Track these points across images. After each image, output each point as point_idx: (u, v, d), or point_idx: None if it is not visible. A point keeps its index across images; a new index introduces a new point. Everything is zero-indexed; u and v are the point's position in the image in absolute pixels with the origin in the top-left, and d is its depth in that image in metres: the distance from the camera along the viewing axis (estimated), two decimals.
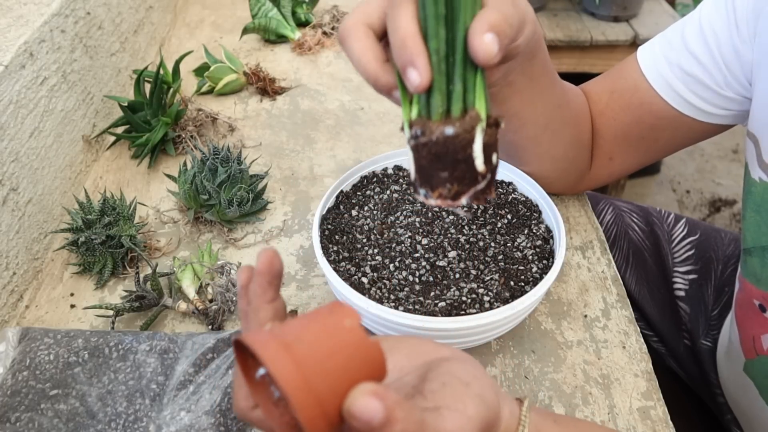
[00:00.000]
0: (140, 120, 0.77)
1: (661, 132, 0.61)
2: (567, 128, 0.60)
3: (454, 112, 0.34)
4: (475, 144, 0.34)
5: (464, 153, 0.34)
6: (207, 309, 0.57)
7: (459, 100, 0.34)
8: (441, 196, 0.36)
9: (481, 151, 0.34)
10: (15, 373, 0.50)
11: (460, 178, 0.35)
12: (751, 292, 0.59)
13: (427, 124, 0.35)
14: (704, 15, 0.56)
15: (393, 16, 0.35)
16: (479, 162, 0.35)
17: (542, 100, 0.55)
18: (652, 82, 0.59)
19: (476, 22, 0.34)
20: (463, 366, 0.34)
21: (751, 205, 0.56)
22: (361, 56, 0.37)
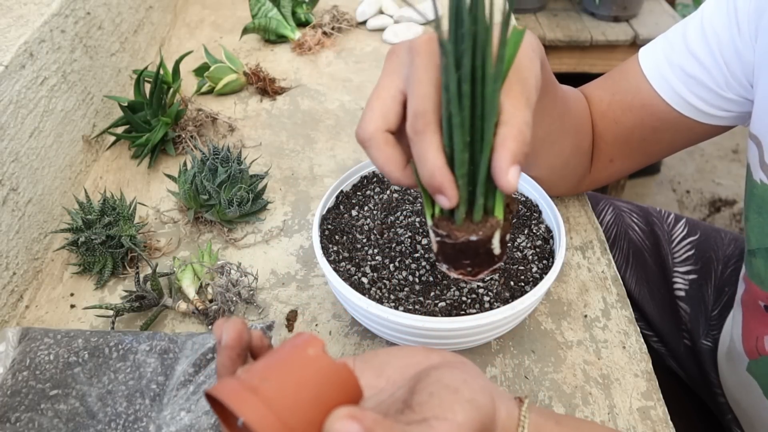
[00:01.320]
0: (140, 120, 0.77)
1: (662, 134, 0.61)
2: (567, 137, 0.60)
3: (475, 217, 0.39)
4: (493, 239, 0.39)
5: (484, 248, 0.39)
6: (207, 309, 0.57)
7: (480, 210, 0.38)
8: (462, 274, 0.41)
9: (498, 243, 0.39)
10: (15, 373, 0.50)
11: (480, 263, 0.40)
12: (757, 293, 0.59)
13: (452, 228, 0.39)
14: (706, 16, 0.56)
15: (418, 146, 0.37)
16: (497, 250, 0.40)
17: (541, 115, 0.55)
18: (653, 84, 0.59)
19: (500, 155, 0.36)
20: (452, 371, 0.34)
21: (754, 207, 0.56)
22: (385, 165, 0.39)
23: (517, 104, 0.37)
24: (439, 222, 0.40)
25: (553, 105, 0.56)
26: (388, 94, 0.39)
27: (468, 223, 0.39)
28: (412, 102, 0.37)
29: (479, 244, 0.39)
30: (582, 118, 0.62)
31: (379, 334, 0.53)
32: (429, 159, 0.36)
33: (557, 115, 0.57)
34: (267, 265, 0.64)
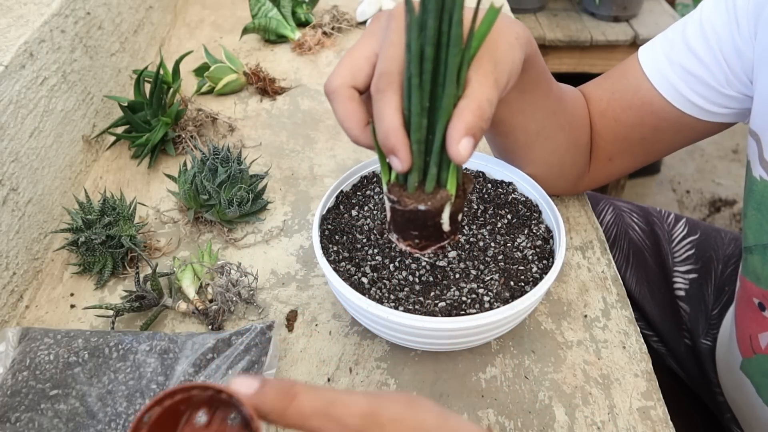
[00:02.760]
0: (140, 120, 0.77)
1: (662, 132, 0.61)
2: (562, 134, 0.60)
3: (427, 188, 0.39)
4: (443, 214, 0.39)
5: (433, 221, 0.39)
6: (207, 309, 0.57)
7: (433, 180, 0.39)
8: (410, 246, 0.42)
9: (448, 218, 0.39)
10: (15, 373, 0.50)
11: (428, 236, 0.40)
12: (751, 290, 0.59)
13: (403, 195, 0.39)
14: (705, 13, 0.56)
15: (378, 104, 0.37)
16: (446, 226, 0.40)
17: (533, 109, 0.55)
18: (653, 82, 0.59)
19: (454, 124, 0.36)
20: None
21: (753, 204, 0.56)
22: (344, 120, 0.39)
23: (483, 81, 0.37)
24: (392, 188, 0.40)
25: (547, 99, 0.56)
26: (361, 54, 0.40)
27: (419, 193, 0.39)
28: (380, 62, 0.38)
29: (428, 215, 0.39)
30: (579, 116, 0.62)
31: (379, 334, 0.53)
32: (386, 118, 0.37)
33: (551, 110, 0.57)
34: (267, 265, 0.64)
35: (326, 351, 0.56)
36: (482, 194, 0.61)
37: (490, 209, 0.60)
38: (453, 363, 0.55)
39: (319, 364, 0.55)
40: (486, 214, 0.59)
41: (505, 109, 0.54)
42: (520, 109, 0.54)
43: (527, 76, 0.51)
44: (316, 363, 0.55)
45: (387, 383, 0.53)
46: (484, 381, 0.53)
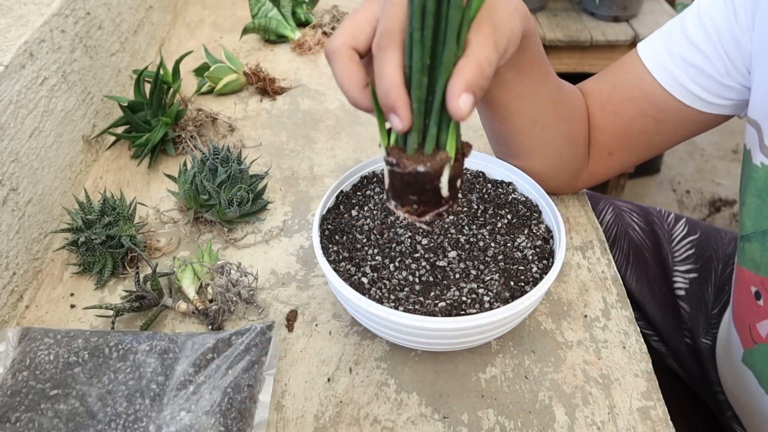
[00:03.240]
0: (140, 120, 0.77)
1: (663, 125, 0.61)
2: (560, 124, 0.60)
3: (426, 149, 0.39)
4: (442, 177, 0.39)
5: (432, 185, 0.39)
6: (207, 309, 0.57)
7: (432, 141, 0.38)
8: (408, 212, 0.41)
9: (447, 182, 0.39)
10: (15, 373, 0.50)
11: (426, 201, 0.40)
12: (750, 279, 0.59)
13: (402, 157, 0.39)
14: (703, 5, 0.57)
15: (380, 61, 0.37)
16: (445, 191, 0.40)
17: (531, 93, 0.55)
18: (654, 74, 0.59)
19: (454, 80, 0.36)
20: None
21: (752, 191, 0.56)
22: (344, 80, 0.39)
23: (483, 41, 0.38)
24: (391, 150, 0.40)
25: (545, 86, 0.56)
26: (363, 17, 0.40)
27: (419, 155, 0.39)
28: (381, 21, 0.38)
29: (427, 178, 0.39)
30: (576, 110, 0.62)
31: (379, 334, 0.53)
32: (386, 75, 0.37)
33: (549, 98, 0.57)
34: (267, 265, 0.64)
35: (326, 351, 0.56)
36: (482, 194, 0.61)
37: (490, 209, 0.60)
38: (453, 363, 0.55)
39: (319, 364, 0.55)
40: (486, 214, 0.59)
41: (503, 92, 0.54)
42: (519, 93, 0.54)
43: (525, 55, 0.51)
44: (316, 363, 0.55)
45: (387, 383, 0.53)
46: (484, 381, 0.53)
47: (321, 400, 0.52)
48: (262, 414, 0.50)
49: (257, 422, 0.49)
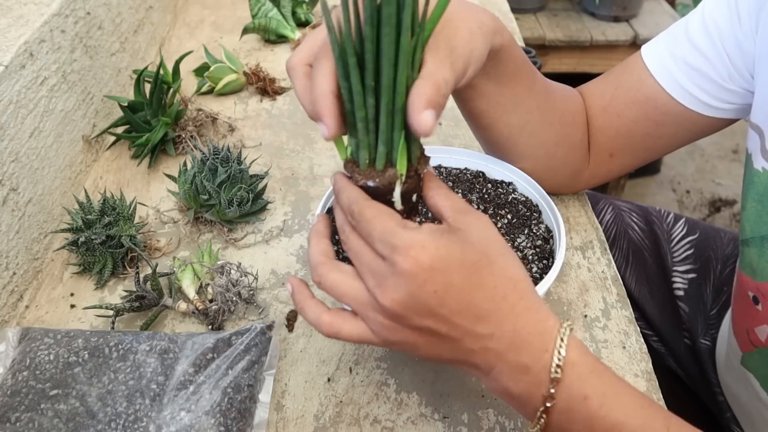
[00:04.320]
0: (140, 120, 0.77)
1: (665, 128, 0.61)
2: (549, 129, 0.60)
3: (377, 165, 0.39)
4: (394, 193, 0.40)
5: (384, 198, 0.40)
6: (207, 309, 0.57)
7: (382, 158, 0.39)
8: None
9: (399, 198, 0.40)
10: (15, 373, 0.50)
11: None
12: (747, 284, 0.59)
13: (355, 171, 0.40)
14: (707, 9, 0.57)
15: (314, 71, 0.39)
16: (398, 205, 0.40)
17: (514, 103, 0.56)
18: (657, 77, 0.59)
19: (414, 98, 0.37)
20: None
21: (753, 195, 0.56)
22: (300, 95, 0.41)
23: (438, 63, 0.38)
24: (347, 163, 0.41)
25: (529, 94, 0.56)
26: (321, 36, 0.41)
27: (371, 170, 0.40)
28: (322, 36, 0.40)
29: (378, 193, 0.40)
30: (570, 113, 0.62)
31: None
32: (316, 84, 0.38)
33: (535, 106, 0.57)
34: (267, 265, 0.64)
35: (326, 351, 0.56)
36: (482, 194, 0.61)
37: (490, 209, 0.60)
38: None
39: (319, 364, 0.55)
40: (486, 214, 0.60)
41: (484, 103, 0.55)
42: (499, 102, 0.55)
43: (502, 67, 0.51)
44: (316, 363, 0.55)
45: (387, 383, 0.53)
46: None
47: (321, 400, 0.52)
48: (262, 414, 0.50)
49: (257, 422, 0.50)
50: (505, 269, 0.38)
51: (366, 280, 0.38)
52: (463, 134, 0.81)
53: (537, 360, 0.38)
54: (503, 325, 0.38)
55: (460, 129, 0.82)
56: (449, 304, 0.37)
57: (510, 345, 0.38)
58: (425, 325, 0.37)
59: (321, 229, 0.43)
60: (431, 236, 0.37)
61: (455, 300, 0.37)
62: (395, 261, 0.36)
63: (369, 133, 0.38)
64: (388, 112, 0.37)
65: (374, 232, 0.37)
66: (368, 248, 0.38)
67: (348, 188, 0.40)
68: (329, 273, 0.40)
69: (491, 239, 0.39)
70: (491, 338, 0.38)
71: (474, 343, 0.38)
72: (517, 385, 0.38)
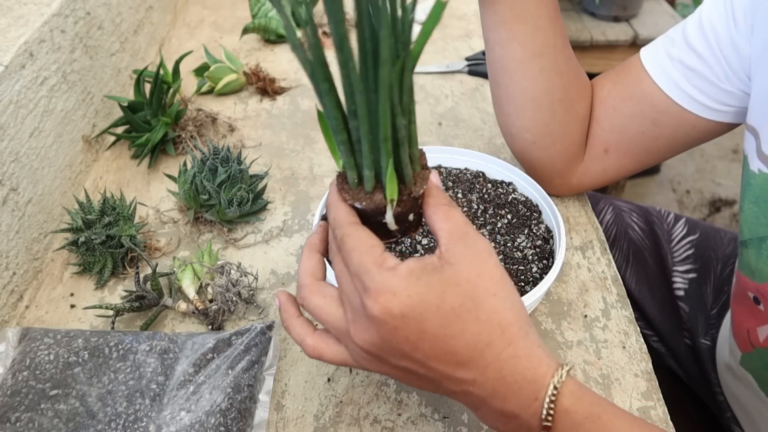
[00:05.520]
0: (140, 120, 0.77)
1: (662, 129, 0.61)
2: (559, 78, 0.60)
3: (366, 188, 0.37)
4: (386, 215, 0.37)
5: (375, 219, 0.38)
6: (207, 309, 0.57)
7: (370, 181, 0.37)
8: None
9: (392, 220, 0.38)
10: (15, 373, 0.50)
11: (376, 230, 0.38)
12: (746, 284, 0.59)
13: (344, 188, 0.38)
14: (704, 11, 0.57)
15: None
16: (391, 226, 0.38)
17: (534, 23, 0.57)
18: (654, 77, 0.59)
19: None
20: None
21: (750, 197, 0.56)
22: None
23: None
24: (339, 176, 0.39)
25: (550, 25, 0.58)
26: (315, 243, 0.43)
27: (360, 190, 0.38)
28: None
29: (369, 214, 0.38)
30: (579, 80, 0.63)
31: None
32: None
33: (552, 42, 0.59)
34: (267, 265, 0.64)
35: None
36: (482, 194, 0.61)
37: (490, 209, 0.60)
38: None
39: (319, 364, 0.55)
40: (486, 214, 0.60)
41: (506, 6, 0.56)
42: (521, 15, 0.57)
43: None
44: (316, 363, 0.55)
45: (387, 383, 0.53)
46: None
47: (321, 400, 0.52)
48: (262, 414, 0.50)
49: (257, 422, 0.50)
50: (494, 312, 0.36)
51: (346, 310, 0.37)
52: (463, 134, 0.81)
53: (526, 407, 0.36)
54: (486, 372, 0.35)
55: (460, 129, 0.82)
56: (424, 350, 0.35)
57: (494, 392, 0.36)
58: (402, 365, 0.36)
59: (314, 243, 0.42)
60: (406, 281, 0.34)
61: (429, 346, 0.35)
62: (365, 304, 0.34)
63: (354, 154, 0.36)
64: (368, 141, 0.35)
65: (351, 266, 0.36)
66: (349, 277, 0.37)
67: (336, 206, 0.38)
68: (312, 296, 0.39)
69: (484, 275, 0.36)
70: (473, 384, 0.36)
71: (455, 386, 0.36)
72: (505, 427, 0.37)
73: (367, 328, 0.35)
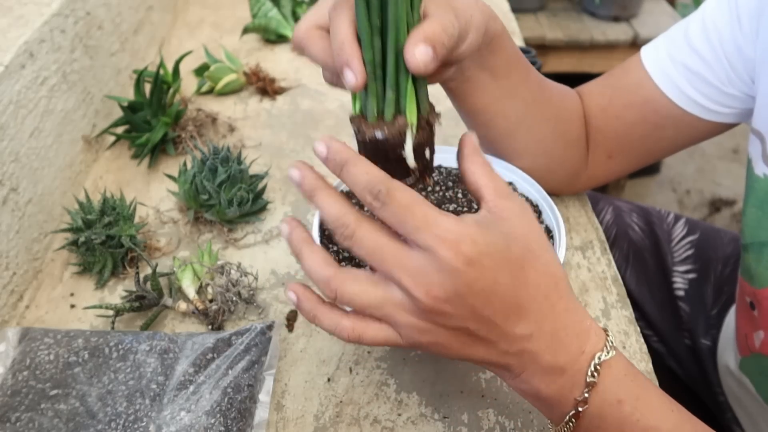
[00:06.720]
0: (140, 120, 0.77)
1: (664, 131, 0.61)
2: (547, 125, 0.59)
3: (386, 116, 0.38)
4: (405, 146, 0.38)
5: (395, 153, 0.38)
6: (207, 309, 0.57)
7: (391, 106, 0.37)
8: None
9: (411, 151, 0.38)
10: (15, 373, 0.50)
11: (392, 172, 0.37)
12: (745, 288, 0.59)
13: (362, 124, 0.38)
14: (707, 12, 0.56)
15: (333, 21, 0.38)
16: (410, 161, 0.38)
17: (511, 96, 0.55)
18: (656, 80, 0.59)
19: (412, 34, 0.37)
20: None
21: (754, 201, 0.56)
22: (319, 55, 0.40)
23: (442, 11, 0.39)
24: (353, 119, 0.39)
25: (525, 87, 0.56)
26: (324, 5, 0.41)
27: (379, 122, 0.38)
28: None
29: (389, 147, 0.38)
30: (567, 110, 0.62)
31: None
32: (339, 32, 0.37)
33: (531, 99, 0.57)
34: (267, 265, 0.64)
35: (326, 351, 0.56)
36: None
37: None
38: (453, 363, 0.55)
39: (319, 364, 0.55)
40: None
41: (481, 97, 0.54)
42: (497, 96, 0.55)
43: (497, 57, 0.51)
44: (316, 363, 0.55)
45: (387, 383, 0.53)
46: (484, 381, 0.53)
47: (321, 400, 0.52)
48: (262, 414, 0.50)
49: (257, 422, 0.50)
50: (548, 265, 0.36)
51: (399, 278, 0.34)
52: (459, 133, 0.81)
53: (573, 362, 0.36)
54: (543, 325, 0.36)
55: (460, 129, 0.82)
56: (494, 305, 0.34)
57: (547, 347, 0.36)
58: (464, 326, 0.35)
59: (305, 236, 0.39)
60: (479, 229, 0.34)
61: (500, 300, 0.34)
62: (442, 256, 0.33)
63: (377, 80, 0.37)
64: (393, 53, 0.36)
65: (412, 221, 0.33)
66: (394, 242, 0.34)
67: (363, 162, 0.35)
68: (344, 286, 0.36)
69: (534, 230, 0.37)
70: (530, 339, 0.36)
71: (511, 345, 0.36)
72: (549, 388, 0.37)
73: (441, 283, 0.33)
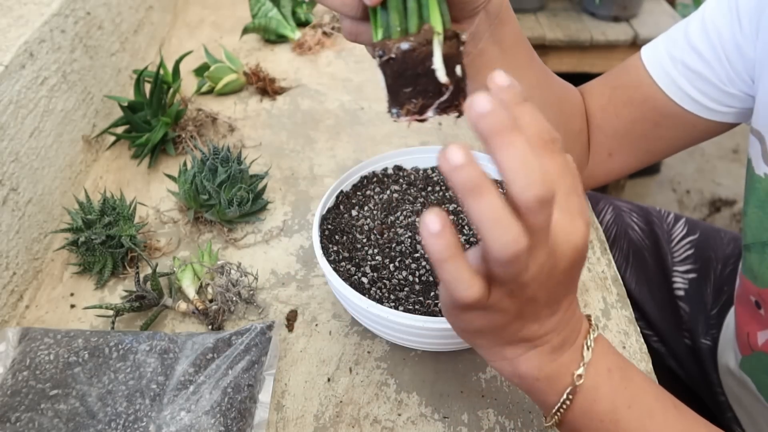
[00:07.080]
0: (140, 120, 0.77)
1: (664, 130, 0.61)
2: (550, 110, 0.59)
3: (410, 28, 0.36)
4: (434, 56, 0.35)
5: (424, 66, 0.35)
6: (207, 309, 0.57)
7: (414, 16, 0.35)
8: (409, 112, 0.37)
9: (441, 62, 0.35)
10: (15, 373, 0.50)
11: (423, 91, 0.36)
12: (749, 288, 0.59)
13: (387, 43, 0.36)
14: (707, 12, 0.57)
15: None
16: (441, 74, 0.35)
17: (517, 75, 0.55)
18: (656, 79, 0.59)
19: None
20: None
21: (754, 201, 0.56)
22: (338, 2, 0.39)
23: None
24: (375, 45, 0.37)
25: (530, 66, 0.56)
26: None
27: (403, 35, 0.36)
28: None
29: (417, 60, 0.35)
30: (568, 102, 0.62)
31: (379, 333, 0.53)
32: None
33: (535, 81, 0.57)
34: (267, 265, 0.64)
35: (326, 351, 0.56)
36: None
37: None
38: (453, 363, 0.55)
39: (319, 364, 0.55)
40: None
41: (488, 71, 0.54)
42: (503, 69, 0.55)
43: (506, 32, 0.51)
44: (316, 363, 0.55)
45: (387, 383, 0.53)
46: (484, 381, 0.53)
47: (321, 400, 0.52)
48: (262, 414, 0.50)
49: (257, 422, 0.50)
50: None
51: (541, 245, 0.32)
52: (464, 134, 0.81)
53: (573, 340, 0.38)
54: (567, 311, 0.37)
55: (460, 129, 0.82)
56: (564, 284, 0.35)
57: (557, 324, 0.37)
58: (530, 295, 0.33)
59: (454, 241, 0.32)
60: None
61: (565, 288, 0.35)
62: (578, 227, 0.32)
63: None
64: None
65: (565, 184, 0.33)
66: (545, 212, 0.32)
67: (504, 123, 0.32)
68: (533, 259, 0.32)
69: None
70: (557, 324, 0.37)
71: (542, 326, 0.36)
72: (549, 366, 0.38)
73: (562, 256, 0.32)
